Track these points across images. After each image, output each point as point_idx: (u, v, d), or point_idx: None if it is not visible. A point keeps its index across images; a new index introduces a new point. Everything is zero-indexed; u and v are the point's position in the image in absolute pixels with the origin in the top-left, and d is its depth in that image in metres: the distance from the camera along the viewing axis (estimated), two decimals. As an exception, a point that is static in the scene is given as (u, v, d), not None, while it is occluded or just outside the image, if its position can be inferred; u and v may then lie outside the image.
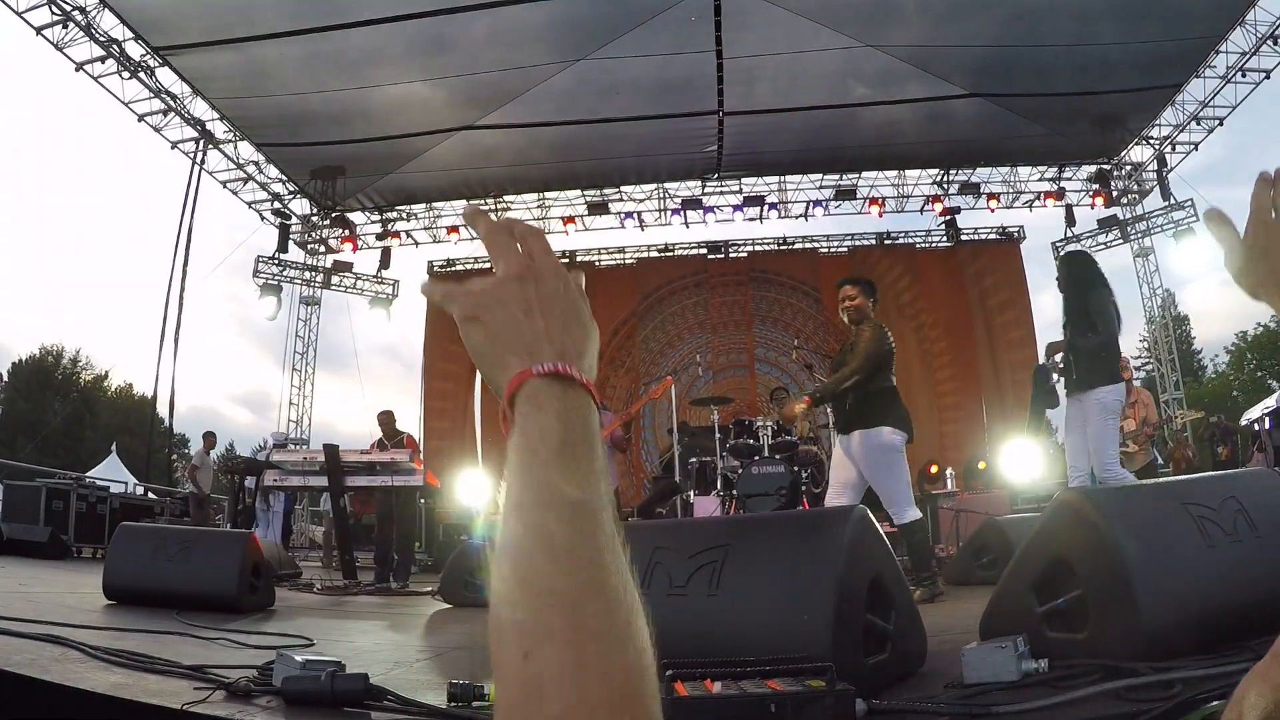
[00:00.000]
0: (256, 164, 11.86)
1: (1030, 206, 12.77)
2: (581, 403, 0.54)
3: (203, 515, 10.29)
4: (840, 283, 4.83)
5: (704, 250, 13.39)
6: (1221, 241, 0.75)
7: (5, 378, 35.78)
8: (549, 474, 0.49)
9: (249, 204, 12.55)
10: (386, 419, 8.03)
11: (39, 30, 8.53)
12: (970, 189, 12.38)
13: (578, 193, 12.94)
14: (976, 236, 13.14)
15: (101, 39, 8.89)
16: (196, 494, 10.71)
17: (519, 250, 0.61)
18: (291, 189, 12.59)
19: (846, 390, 4.47)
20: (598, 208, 12.79)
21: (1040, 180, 12.67)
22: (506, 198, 12.96)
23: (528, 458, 0.50)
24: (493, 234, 0.62)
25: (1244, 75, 9.64)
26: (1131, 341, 32.60)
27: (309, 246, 13.52)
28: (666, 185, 12.90)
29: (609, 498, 0.51)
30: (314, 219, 13.34)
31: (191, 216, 11.21)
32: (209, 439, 11.29)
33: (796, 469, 6.33)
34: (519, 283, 0.59)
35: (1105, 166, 12.09)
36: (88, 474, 13.10)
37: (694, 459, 7.19)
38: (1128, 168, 12.33)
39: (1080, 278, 4.74)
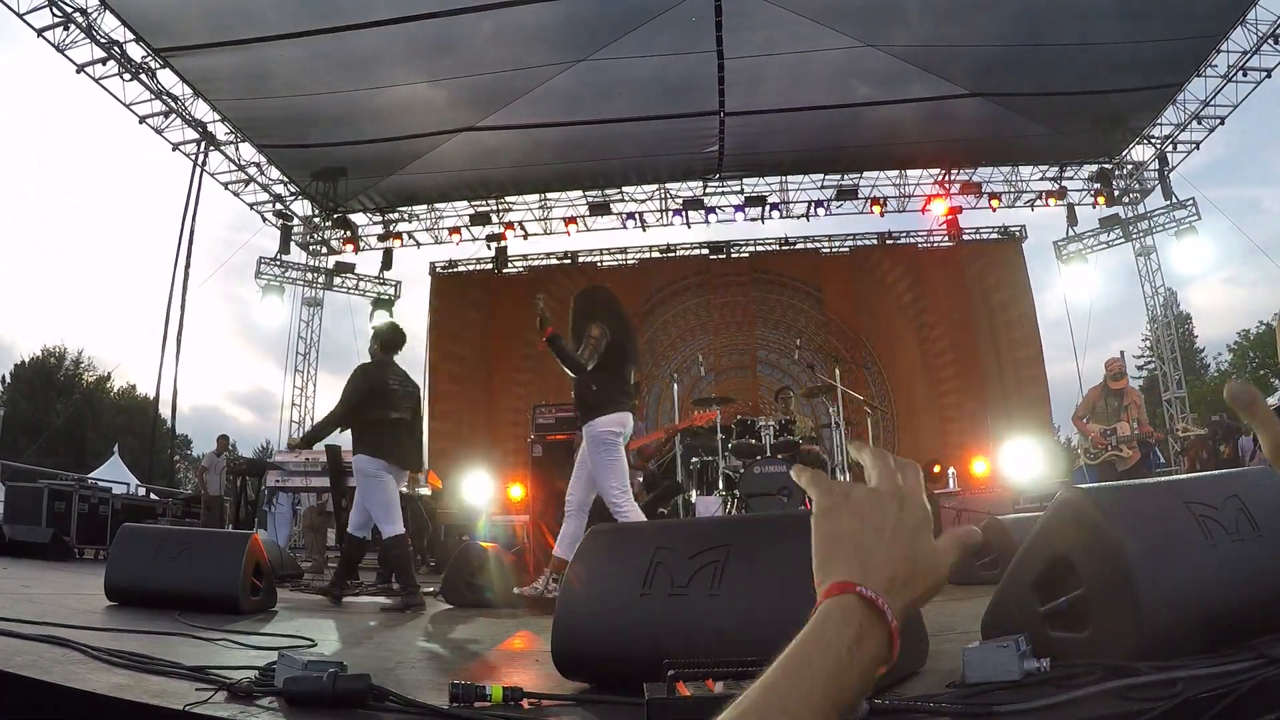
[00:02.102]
0: (258, 165, 11.87)
1: (1032, 206, 12.78)
2: (880, 642, 0.56)
3: (211, 516, 10.30)
4: None
5: (706, 251, 13.38)
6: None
7: (8, 379, 35.85)
8: (812, 687, 0.52)
9: (250, 205, 12.57)
10: None
11: (40, 32, 8.53)
12: (972, 188, 12.38)
13: (579, 193, 12.94)
14: (978, 236, 13.14)
15: (103, 41, 8.88)
16: (205, 495, 10.71)
17: (894, 473, 0.65)
18: (293, 190, 12.61)
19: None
20: (599, 208, 12.79)
21: (1042, 180, 12.67)
22: (508, 198, 12.97)
23: (801, 662, 0.54)
24: (875, 455, 0.67)
25: (1245, 74, 9.64)
26: (1134, 341, 32.64)
27: (311, 248, 13.54)
28: (668, 185, 12.89)
29: None
30: (316, 220, 13.36)
31: (193, 218, 11.24)
32: (222, 442, 11.31)
33: (798, 469, 6.31)
34: (882, 500, 0.63)
35: (1107, 166, 12.08)
36: (90, 475, 13.13)
37: (696, 459, 7.20)
38: (1129, 167, 12.32)
39: (582, 312, 4.64)
